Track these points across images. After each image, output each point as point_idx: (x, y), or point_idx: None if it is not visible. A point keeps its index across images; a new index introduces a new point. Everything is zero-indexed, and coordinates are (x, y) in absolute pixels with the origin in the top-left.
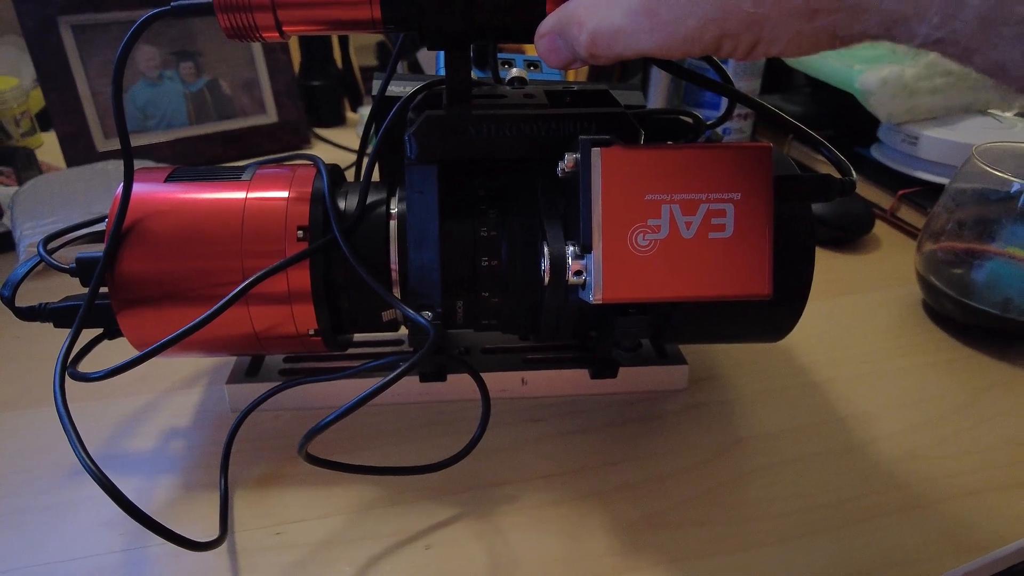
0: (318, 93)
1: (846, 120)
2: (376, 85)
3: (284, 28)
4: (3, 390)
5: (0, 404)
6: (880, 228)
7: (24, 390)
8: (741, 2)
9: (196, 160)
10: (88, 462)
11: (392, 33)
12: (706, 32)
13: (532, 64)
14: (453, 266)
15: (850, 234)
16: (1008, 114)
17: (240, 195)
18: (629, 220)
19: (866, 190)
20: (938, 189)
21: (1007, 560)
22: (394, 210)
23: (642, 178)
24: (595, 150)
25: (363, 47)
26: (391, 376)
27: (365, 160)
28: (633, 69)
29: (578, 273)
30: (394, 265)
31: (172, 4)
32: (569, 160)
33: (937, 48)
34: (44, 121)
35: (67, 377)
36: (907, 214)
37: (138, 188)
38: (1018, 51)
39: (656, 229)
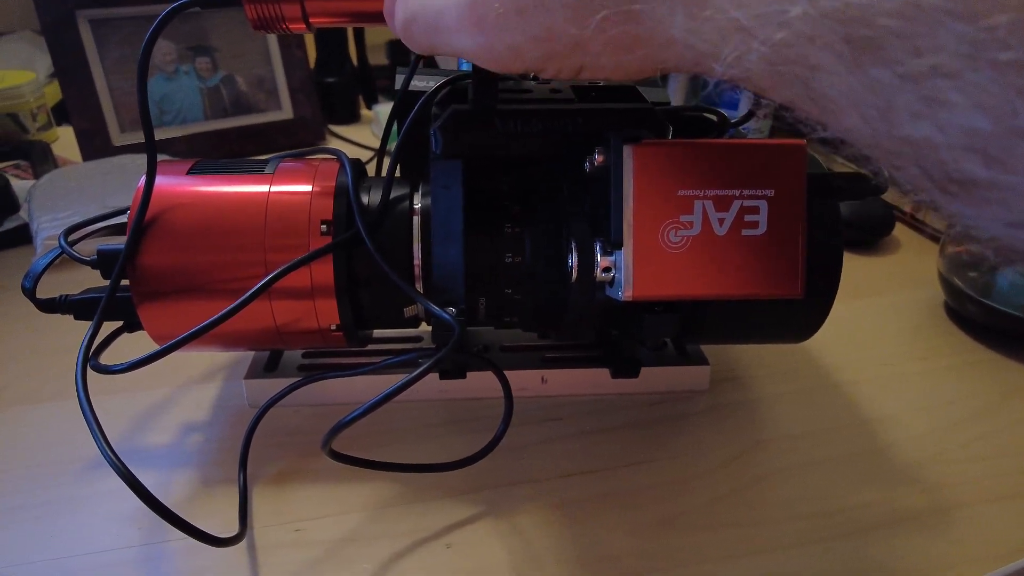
0: (333, 90)
1: None
2: (399, 80)
3: (311, 20)
4: (22, 383)
5: (19, 397)
6: (900, 230)
7: (42, 383)
8: (567, 26)
9: (212, 155)
10: (111, 455)
11: None
12: (530, 49)
13: None
14: (477, 262)
15: (871, 236)
16: None
17: (263, 188)
18: (661, 216)
19: (887, 192)
20: None
21: None
22: (417, 205)
23: (674, 173)
24: (627, 146)
25: (373, 46)
26: (417, 371)
27: (386, 156)
28: None
29: (606, 270)
30: (417, 260)
31: None
32: (599, 156)
33: (739, 83)
34: (59, 116)
35: (88, 369)
36: (927, 216)
37: (160, 180)
38: (800, 90)
39: (689, 225)
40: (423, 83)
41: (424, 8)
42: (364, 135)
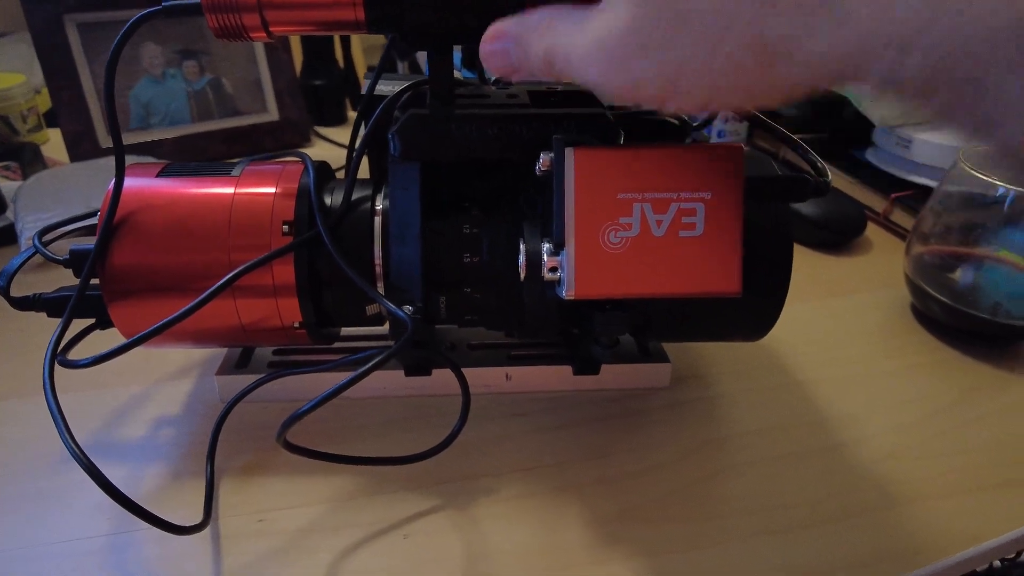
0: (320, 92)
1: (841, 123)
2: (365, 85)
3: (271, 28)
4: None
5: None
6: (873, 231)
7: (18, 381)
8: (693, 62)
9: (198, 157)
10: (74, 447)
11: (377, 34)
12: (655, 85)
13: None
14: (435, 262)
15: (842, 236)
16: None
17: (228, 190)
18: (601, 218)
19: (860, 193)
20: (931, 192)
21: (979, 559)
22: (379, 207)
23: (614, 177)
24: (568, 149)
25: (372, 47)
26: (367, 366)
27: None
28: None
29: (553, 269)
30: (378, 260)
31: (163, 4)
32: (545, 159)
33: (890, 94)
34: (52, 120)
35: (57, 364)
36: (900, 217)
37: (130, 182)
38: (959, 99)
39: (628, 227)
40: (389, 87)
41: (564, 46)
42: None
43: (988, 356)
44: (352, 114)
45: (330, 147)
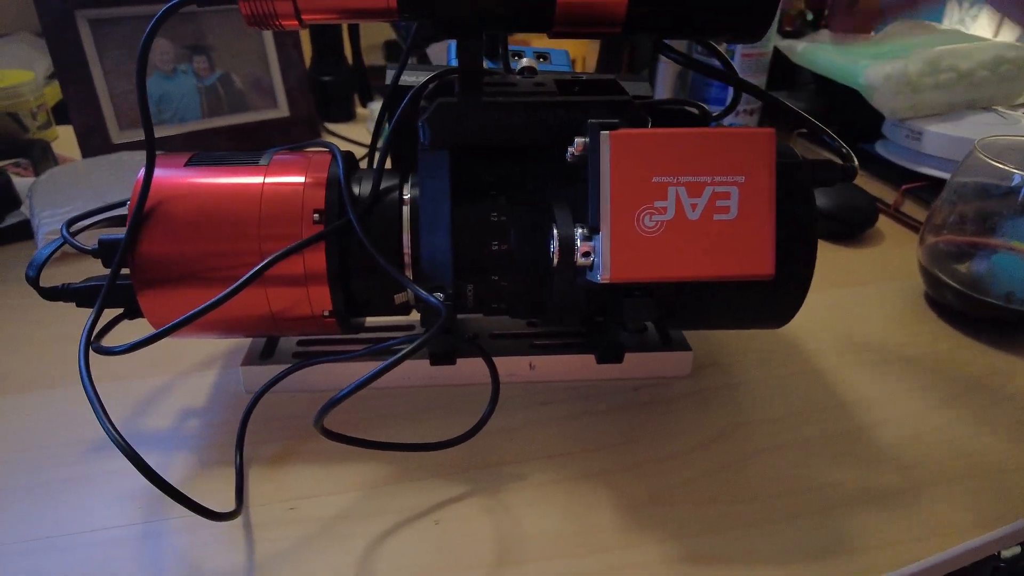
0: (329, 88)
1: (851, 116)
2: (389, 75)
3: (303, 16)
4: (24, 371)
5: (23, 384)
6: (884, 223)
7: (43, 371)
8: None
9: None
10: (113, 432)
11: (406, 22)
12: None
13: (541, 56)
14: (464, 250)
15: (854, 228)
16: (1013, 111)
17: (258, 180)
18: (636, 202)
19: (870, 185)
20: (941, 184)
21: (999, 543)
22: (407, 195)
23: (649, 160)
24: (604, 133)
25: (370, 47)
26: (404, 352)
27: (377, 149)
28: (641, 61)
29: (586, 254)
30: (407, 249)
31: None
32: (579, 144)
33: None
34: (59, 116)
35: (91, 352)
36: (911, 208)
37: (159, 172)
38: None
39: (663, 211)
40: (412, 78)
41: None
42: (360, 133)
43: (1002, 343)
44: (361, 110)
45: (339, 142)
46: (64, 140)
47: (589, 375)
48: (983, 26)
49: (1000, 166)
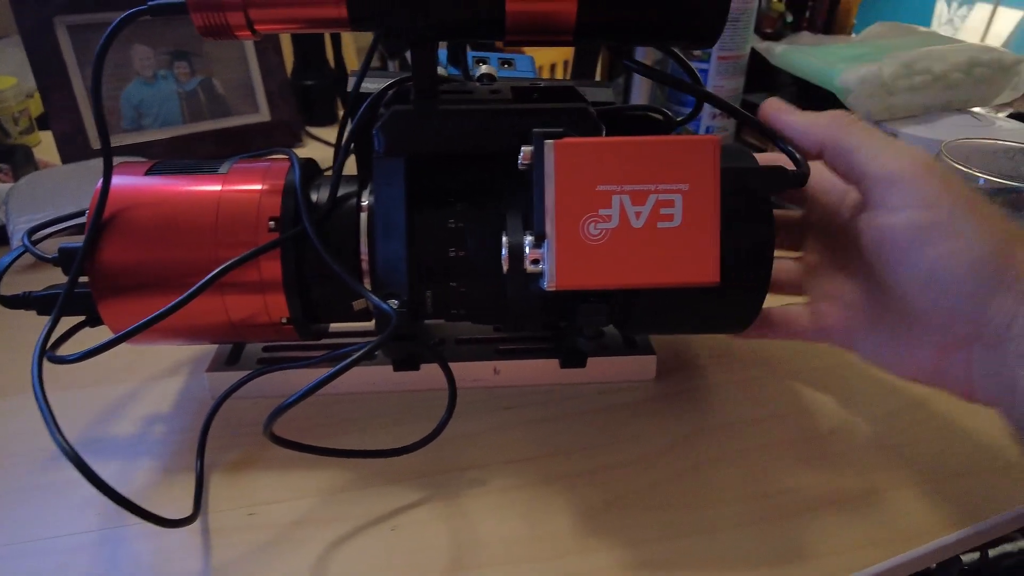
0: (311, 92)
1: None
2: (351, 82)
3: (256, 27)
4: None
5: None
6: None
7: (8, 378)
8: None
9: (190, 157)
10: (61, 440)
11: (360, 31)
12: None
13: (505, 62)
14: (422, 256)
15: None
16: (987, 112)
17: (215, 187)
18: (581, 210)
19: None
20: None
21: (962, 544)
22: (365, 202)
23: (593, 169)
24: (548, 142)
25: (364, 48)
26: (350, 359)
27: None
28: (619, 67)
29: (535, 261)
30: (364, 256)
31: (149, 3)
32: (526, 152)
33: None
34: (44, 122)
35: (46, 361)
36: None
37: (118, 180)
38: None
39: (607, 219)
40: (375, 85)
41: None
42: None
43: None
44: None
45: (321, 147)
46: (47, 145)
47: (553, 379)
48: (972, 27)
49: (964, 169)
